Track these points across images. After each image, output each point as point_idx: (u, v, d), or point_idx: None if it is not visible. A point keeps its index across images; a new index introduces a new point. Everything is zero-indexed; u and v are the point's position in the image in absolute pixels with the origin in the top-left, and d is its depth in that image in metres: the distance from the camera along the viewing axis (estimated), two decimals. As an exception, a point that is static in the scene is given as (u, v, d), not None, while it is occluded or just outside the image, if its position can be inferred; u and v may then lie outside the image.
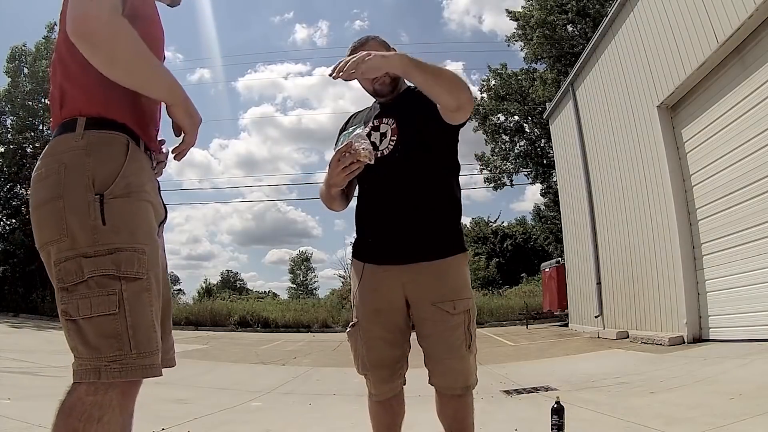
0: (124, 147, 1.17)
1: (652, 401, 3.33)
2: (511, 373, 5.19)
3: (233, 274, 44.16)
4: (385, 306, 1.71)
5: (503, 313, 15.64)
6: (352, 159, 1.58)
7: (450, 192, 1.74)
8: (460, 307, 1.66)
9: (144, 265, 1.12)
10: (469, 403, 1.77)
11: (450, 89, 1.56)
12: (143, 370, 1.09)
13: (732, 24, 5.15)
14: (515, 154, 22.24)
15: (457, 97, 1.57)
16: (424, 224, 1.67)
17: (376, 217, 1.73)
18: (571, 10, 18.72)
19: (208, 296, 22.38)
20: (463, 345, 1.68)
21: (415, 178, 1.68)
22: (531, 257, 23.84)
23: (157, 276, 1.17)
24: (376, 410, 1.84)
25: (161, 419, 3.07)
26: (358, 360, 1.77)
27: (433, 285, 1.66)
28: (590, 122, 9.67)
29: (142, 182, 1.19)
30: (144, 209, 1.19)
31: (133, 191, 1.16)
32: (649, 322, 7.34)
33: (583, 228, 10.12)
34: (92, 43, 1.08)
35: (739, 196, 5.50)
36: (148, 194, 1.21)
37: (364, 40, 1.78)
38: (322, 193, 1.83)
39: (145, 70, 1.16)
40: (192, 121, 1.29)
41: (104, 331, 1.07)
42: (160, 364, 1.14)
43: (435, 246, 1.68)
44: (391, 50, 1.74)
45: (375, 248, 1.73)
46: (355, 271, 1.80)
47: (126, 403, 1.12)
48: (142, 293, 1.12)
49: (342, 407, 3.71)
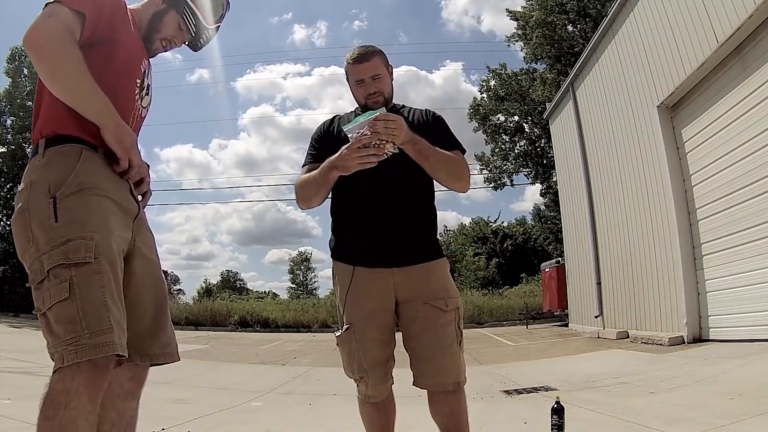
0: (77, 155, 1.27)
1: (652, 401, 3.33)
2: (511, 373, 5.19)
3: (233, 274, 44.26)
4: (378, 307, 1.73)
5: (503, 313, 15.64)
6: (378, 152, 1.58)
7: (433, 203, 1.87)
8: (452, 305, 1.75)
9: (91, 250, 1.18)
10: (463, 400, 1.78)
11: (449, 179, 1.77)
12: (96, 349, 1.12)
13: (732, 24, 5.15)
14: (515, 154, 22.27)
15: (451, 186, 1.81)
16: (416, 230, 1.77)
17: (370, 221, 1.74)
18: (572, 10, 18.72)
19: (208, 296, 22.41)
20: (455, 342, 1.73)
21: (408, 187, 1.75)
22: (531, 257, 23.83)
23: (112, 260, 1.22)
24: (370, 412, 1.85)
25: (161, 419, 3.07)
26: (352, 364, 1.76)
27: (425, 285, 1.74)
28: (590, 122, 9.67)
29: (96, 181, 1.27)
30: (96, 203, 1.25)
31: (86, 188, 1.25)
32: (649, 322, 7.34)
33: (583, 228, 10.12)
34: (38, 54, 1.23)
35: (739, 196, 5.50)
36: (104, 191, 1.28)
37: (371, 52, 1.80)
38: (309, 181, 1.75)
39: (80, 89, 1.25)
40: (121, 147, 1.31)
41: (61, 317, 1.15)
42: (118, 342, 1.17)
43: (424, 250, 1.77)
44: (390, 66, 1.86)
45: (367, 251, 1.74)
46: (343, 275, 1.78)
47: (93, 390, 1.14)
48: (92, 276, 1.17)
49: (342, 407, 3.71)
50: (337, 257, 1.83)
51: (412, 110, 1.92)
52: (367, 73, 1.79)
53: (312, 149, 1.87)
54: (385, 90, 1.82)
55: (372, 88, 1.80)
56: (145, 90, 1.51)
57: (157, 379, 1.19)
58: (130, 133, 1.35)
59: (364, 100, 1.82)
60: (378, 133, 1.57)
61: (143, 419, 1.47)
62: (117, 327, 1.17)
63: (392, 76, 1.90)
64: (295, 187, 1.84)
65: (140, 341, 1.34)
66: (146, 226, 1.47)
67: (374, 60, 1.80)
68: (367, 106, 1.82)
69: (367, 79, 1.79)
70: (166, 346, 1.40)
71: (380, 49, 1.84)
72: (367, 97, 1.81)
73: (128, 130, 1.34)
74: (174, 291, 29.79)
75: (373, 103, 1.80)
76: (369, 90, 1.80)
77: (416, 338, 1.73)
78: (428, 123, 1.86)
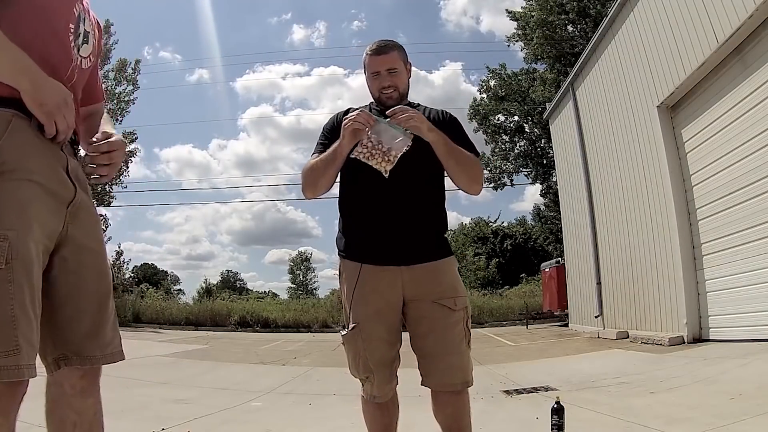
0: (6, 123, 1.08)
1: (652, 401, 3.33)
2: (511, 373, 5.19)
3: (233, 274, 44.34)
4: (385, 306, 1.71)
5: (503, 313, 15.65)
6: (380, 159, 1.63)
7: (443, 202, 1.86)
8: (460, 304, 1.73)
9: (4, 254, 1.01)
10: (466, 401, 1.77)
11: (469, 181, 1.78)
12: (0, 373, 0.99)
13: (732, 24, 5.15)
14: (515, 154, 22.24)
15: (468, 188, 1.80)
16: (425, 228, 1.75)
17: (379, 218, 1.72)
18: (572, 10, 18.71)
19: (208, 296, 22.39)
20: (463, 341, 1.72)
21: (418, 184, 1.74)
22: (531, 257, 23.83)
23: (28, 263, 1.05)
24: (373, 413, 1.83)
25: (161, 419, 3.06)
26: (358, 363, 1.74)
27: (433, 283, 1.71)
28: (590, 122, 9.67)
29: (21, 159, 1.08)
30: (15, 190, 1.06)
31: (7, 171, 1.05)
32: (649, 322, 7.34)
33: (583, 228, 10.12)
34: None
35: (739, 196, 5.50)
36: (28, 172, 1.09)
37: (392, 46, 1.81)
38: (317, 162, 1.76)
39: None
40: (42, 110, 1.11)
41: None
42: (25, 366, 1.03)
43: (433, 248, 1.76)
44: (408, 63, 1.85)
45: (375, 249, 1.72)
46: (351, 272, 1.76)
47: (6, 406, 1.04)
48: (2, 285, 1.01)
49: (342, 407, 3.71)
50: (345, 254, 1.81)
51: (428, 109, 1.89)
52: (384, 66, 1.77)
53: (323, 138, 1.84)
54: (400, 86, 1.80)
55: (386, 82, 1.78)
56: (82, 37, 1.27)
57: (157, 379, 1.18)
58: (56, 90, 1.14)
59: (378, 93, 1.81)
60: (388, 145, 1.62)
61: (143, 419, 1.47)
62: (26, 345, 1.03)
63: (410, 74, 1.88)
64: (303, 173, 1.81)
65: (78, 343, 1.19)
66: (88, 211, 1.26)
67: (393, 54, 1.78)
68: (380, 100, 1.81)
69: (383, 72, 1.78)
70: (106, 346, 1.24)
71: (401, 45, 1.83)
72: (381, 91, 1.79)
73: (52, 88, 1.13)
74: (174, 291, 29.79)
75: (387, 98, 1.78)
76: (383, 83, 1.78)
77: (424, 338, 1.71)
78: (445, 123, 1.83)
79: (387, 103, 1.78)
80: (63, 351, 1.19)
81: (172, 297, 22.79)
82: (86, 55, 1.30)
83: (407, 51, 1.85)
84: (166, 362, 6.73)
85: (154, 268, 40.57)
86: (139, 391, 4.20)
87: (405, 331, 1.78)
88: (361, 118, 1.63)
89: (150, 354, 7.34)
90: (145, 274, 33.76)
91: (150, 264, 40.21)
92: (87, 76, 1.33)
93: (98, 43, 1.38)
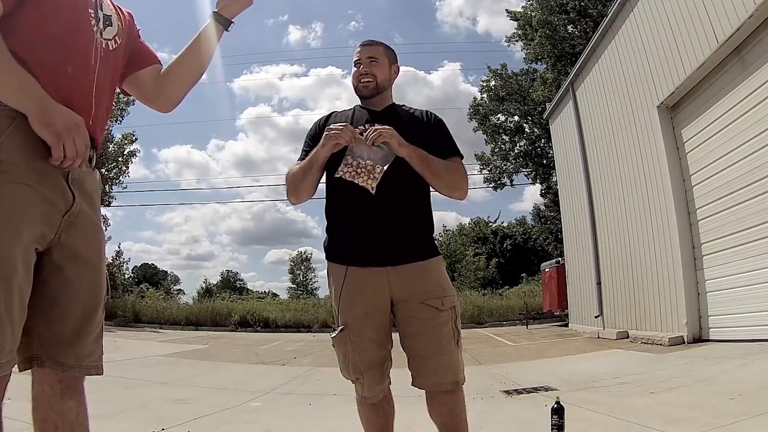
0: (9, 120, 1.07)
1: (652, 401, 3.33)
2: (511, 373, 5.19)
3: (233, 274, 44.32)
4: (372, 308, 1.72)
5: (503, 313, 15.64)
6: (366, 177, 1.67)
7: (428, 202, 1.86)
8: (448, 304, 1.73)
9: None
10: (461, 400, 1.77)
11: (448, 188, 1.79)
12: None
13: (732, 24, 5.15)
14: (515, 154, 22.26)
15: (449, 195, 1.81)
16: (409, 229, 1.76)
17: (362, 220, 1.73)
18: (572, 10, 18.72)
19: (208, 296, 22.39)
20: (452, 341, 1.72)
21: (401, 185, 1.74)
22: (531, 257, 23.85)
23: (10, 269, 1.04)
24: (368, 413, 1.84)
25: (161, 419, 3.06)
26: (348, 365, 1.75)
27: (420, 284, 1.72)
28: (590, 122, 9.67)
29: (20, 161, 1.07)
30: (9, 192, 1.05)
31: (4, 171, 1.05)
32: (649, 322, 7.34)
33: (583, 228, 10.12)
34: None
35: (739, 196, 5.50)
36: (25, 178, 1.08)
37: (379, 42, 1.89)
38: (297, 169, 1.79)
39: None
40: (50, 132, 1.09)
41: None
42: None
43: (418, 249, 1.76)
44: (395, 64, 1.90)
45: (359, 250, 1.73)
46: (337, 275, 1.78)
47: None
48: None
49: (342, 407, 3.71)
50: (331, 257, 1.82)
51: (412, 109, 1.92)
52: (365, 54, 1.84)
53: (306, 146, 1.87)
54: (378, 75, 1.83)
55: (365, 69, 1.83)
56: (103, 22, 1.28)
57: (157, 379, 1.17)
58: (67, 113, 1.13)
59: (356, 81, 1.85)
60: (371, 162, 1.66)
61: (144, 419, 1.47)
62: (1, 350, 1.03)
63: (395, 73, 1.92)
64: (286, 180, 1.85)
65: (55, 346, 1.19)
66: (89, 222, 1.24)
67: (377, 47, 1.87)
68: (357, 88, 1.85)
69: (364, 59, 1.83)
70: (84, 357, 1.22)
71: (391, 47, 1.91)
72: (359, 79, 1.84)
73: (62, 110, 1.12)
74: (174, 291, 29.78)
75: (363, 86, 1.83)
76: (362, 71, 1.83)
77: (413, 338, 1.72)
78: (429, 124, 1.86)
79: (363, 92, 1.84)
80: (36, 352, 1.18)
81: (172, 297, 22.79)
82: (111, 37, 1.32)
83: (406, 51, 1.91)
84: (166, 362, 6.73)
85: (154, 268, 40.64)
86: (139, 391, 4.20)
87: (396, 332, 1.78)
88: (345, 134, 1.66)
89: (150, 354, 7.34)
90: (145, 274, 33.81)
91: (150, 264, 40.31)
92: (113, 60, 1.34)
93: (124, 23, 1.39)
